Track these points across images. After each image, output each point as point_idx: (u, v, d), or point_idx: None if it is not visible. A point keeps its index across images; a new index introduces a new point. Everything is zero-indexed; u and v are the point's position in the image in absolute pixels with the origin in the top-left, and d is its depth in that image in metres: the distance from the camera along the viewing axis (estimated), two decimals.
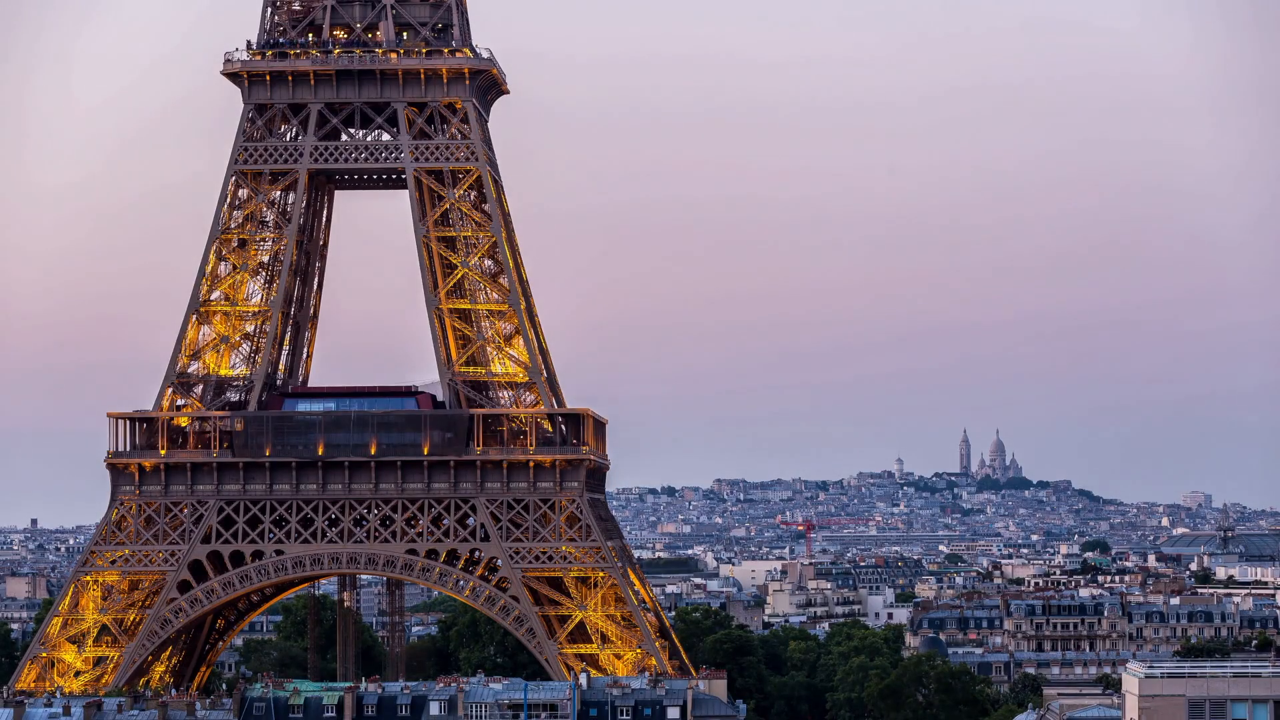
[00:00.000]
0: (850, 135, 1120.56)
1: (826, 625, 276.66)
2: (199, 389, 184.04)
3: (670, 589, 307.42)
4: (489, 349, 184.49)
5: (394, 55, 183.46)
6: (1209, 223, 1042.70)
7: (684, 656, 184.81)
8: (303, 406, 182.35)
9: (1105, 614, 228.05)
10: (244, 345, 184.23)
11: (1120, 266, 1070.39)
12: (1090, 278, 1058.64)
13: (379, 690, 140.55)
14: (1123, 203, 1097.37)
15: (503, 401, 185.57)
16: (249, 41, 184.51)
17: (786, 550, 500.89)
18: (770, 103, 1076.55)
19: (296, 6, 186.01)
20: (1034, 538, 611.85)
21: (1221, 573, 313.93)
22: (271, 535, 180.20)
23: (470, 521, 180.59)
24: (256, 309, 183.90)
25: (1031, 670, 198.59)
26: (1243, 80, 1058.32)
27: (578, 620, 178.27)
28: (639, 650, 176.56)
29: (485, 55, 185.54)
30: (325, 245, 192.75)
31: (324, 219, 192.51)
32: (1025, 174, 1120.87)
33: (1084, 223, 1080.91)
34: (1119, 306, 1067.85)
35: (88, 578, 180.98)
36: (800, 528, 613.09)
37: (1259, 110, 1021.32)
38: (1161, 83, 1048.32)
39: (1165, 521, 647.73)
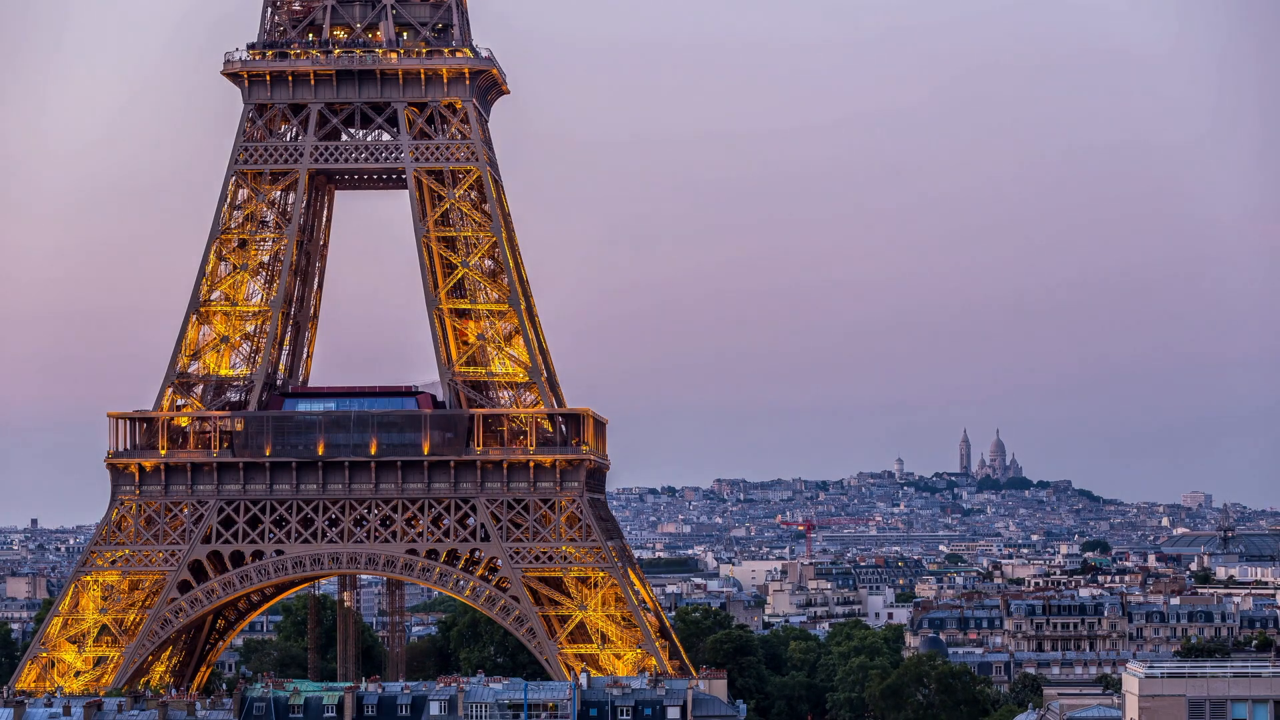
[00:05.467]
0: (850, 132, 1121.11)
1: (827, 625, 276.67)
2: (199, 389, 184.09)
3: (670, 589, 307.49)
4: (489, 349, 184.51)
5: (394, 55, 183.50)
6: (1211, 223, 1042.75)
7: (684, 656, 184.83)
8: (303, 406, 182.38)
9: (1105, 614, 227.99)
10: (244, 345, 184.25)
11: (1122, 267, 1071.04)
12: (1091, 278, 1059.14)
13: (379, 690, 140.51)
14: (1124, 204, 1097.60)
15: (503, 401, 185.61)
16: (249, 42, 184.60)
17: (786, 550, 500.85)
18: (770, 100, 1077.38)
19: (296, 6, 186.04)
20: (1034, 538, 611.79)
21: (1221, 573, 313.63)
22: (271, 535, 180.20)
23: (470, 521, 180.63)
24: (256, 309, 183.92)
25: (1031, 670, 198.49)
26: (1242, 75, 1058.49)
27: (578, 620, 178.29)
28: (639, 650, 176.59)
29: (485, 55, 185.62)
30: (325, 245, 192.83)
31: (324, 219, 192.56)
32: (1026, 175, 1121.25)
33: (1085, 224, 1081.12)
34: (1120, 306, 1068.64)
35: (88, 578, 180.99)
36: (800, 528, 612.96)
37: (1261, 107, 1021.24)
38: (1166, 80, 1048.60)
39: (1165, 521, 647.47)
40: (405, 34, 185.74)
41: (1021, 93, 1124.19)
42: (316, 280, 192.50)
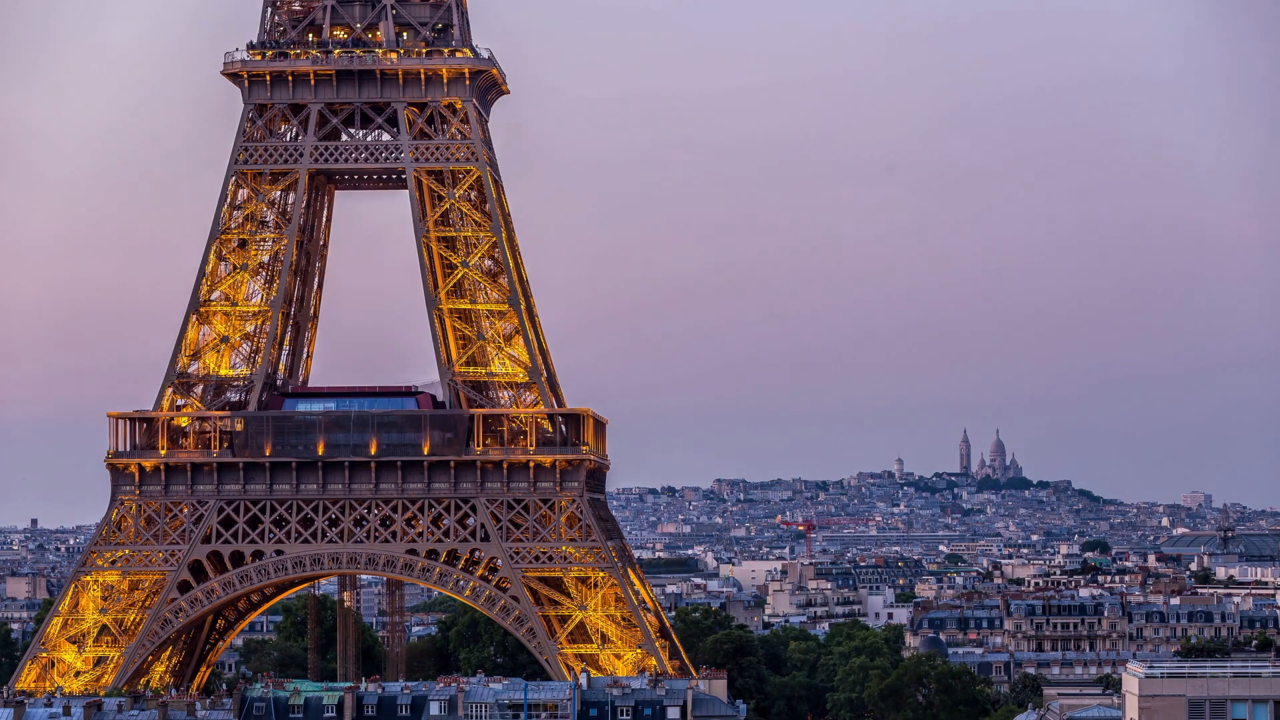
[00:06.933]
0: (849, 132, 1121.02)
1: (826, 625, 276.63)
2: (199, 389, 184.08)
3: (670, 589, 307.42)
4: (489, 349, 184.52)
5: (394, 55, 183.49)
6: (1211, 222, 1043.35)
7: (684, 656, 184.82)
8: (303, 406, 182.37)
9: (1105, 614, 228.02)
10: (244, 345, 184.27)
11: (1121, 266, 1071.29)
12: (1090, 277, 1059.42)
13: (379, 690, 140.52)
14: (1123, 202, 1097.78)
15: (503, 401, 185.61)
16: (249, 42, 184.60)
17: (786, 550, 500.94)
18: (766, 100, 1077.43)
19: (296, 6, 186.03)
20: (1034, 538, 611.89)
21: (1221, 573, 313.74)
22: (271, 535, 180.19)
23: (470, 521, 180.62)
24: (256, 309, 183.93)
25: (1031, 670, 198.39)
26: (1246, 74, 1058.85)
27: (578, 620, 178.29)
28: (639, 650, 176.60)
29: (485, 55, 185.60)
30: (325, 245, 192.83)
31: (324, 219, 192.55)
32: (1025, 175, 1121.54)
33: (1085, 222, 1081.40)
34: (1119, 306, 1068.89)
35: (88, 578, 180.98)
36: (800, 528, 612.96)
37: (1260, 105, 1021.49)
38: (1164, 79, 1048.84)
39: (1165, 521, 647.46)
40: (405, 34, 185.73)
41: (1021, 102, 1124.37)
42: (316, 280, 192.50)
